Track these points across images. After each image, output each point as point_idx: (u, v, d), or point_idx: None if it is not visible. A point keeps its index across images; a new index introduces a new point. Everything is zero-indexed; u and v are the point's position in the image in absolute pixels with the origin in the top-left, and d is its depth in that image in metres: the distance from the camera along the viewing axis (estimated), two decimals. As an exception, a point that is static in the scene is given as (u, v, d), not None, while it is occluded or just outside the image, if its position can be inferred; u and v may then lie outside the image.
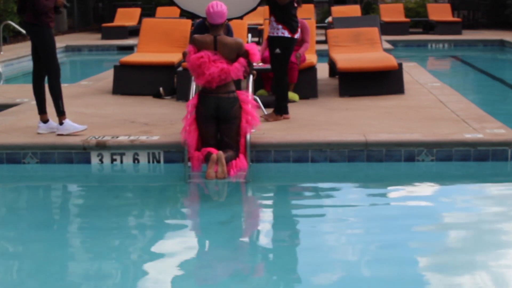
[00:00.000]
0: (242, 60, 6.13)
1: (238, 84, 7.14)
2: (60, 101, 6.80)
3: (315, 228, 5.11)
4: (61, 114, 6.81)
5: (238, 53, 6.14)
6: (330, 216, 5.35)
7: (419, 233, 4.95)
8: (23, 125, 7.35)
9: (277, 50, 7.28)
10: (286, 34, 7.27)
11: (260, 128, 6.58)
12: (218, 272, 4.39)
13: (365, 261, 4.45)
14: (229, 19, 7.40)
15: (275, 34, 7.27)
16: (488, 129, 6.78)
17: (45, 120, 6.96)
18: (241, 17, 7.75)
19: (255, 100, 7.23)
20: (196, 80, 6.16)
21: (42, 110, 6.95)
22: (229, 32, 7.55)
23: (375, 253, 4.56)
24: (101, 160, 6.59)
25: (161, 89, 9.07)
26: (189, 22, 10.16)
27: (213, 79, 6.01)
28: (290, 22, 7.27)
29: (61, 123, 6.80)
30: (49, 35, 6.74)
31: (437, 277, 4.18)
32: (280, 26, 7.26)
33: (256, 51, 6.24)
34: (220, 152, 5.85)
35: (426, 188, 5.98)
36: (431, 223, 5.15)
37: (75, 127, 6.82)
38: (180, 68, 8.94)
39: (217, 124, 6.13)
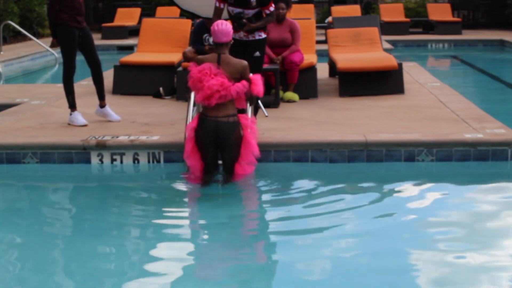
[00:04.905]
0: (245, 82, 5.93)
1: None
2: (69, 97, 7.39)
3: (315, 228, 5.11)
4: (70, 107, 7.40)
5: (241, 75, 5.95)
6: (330, 216, 5.34)
7: (419, 233, 4.94)
8: (23, 125, 7.35)
9: (257, 53, 7.18)
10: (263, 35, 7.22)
11: (260, 128, 6.57)
12: (218, 272, 4.39)
13: (364, 260, 4.45)
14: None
15: (256, 38, 7.18)
16: (488, 129, 6.78)
17: (102, 106, 7.56)
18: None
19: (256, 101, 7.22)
20: (196, 97, 5.94)
21: (100, 97, 7.55)
22: None
23: (374, 253, 4.55)
24: (101, 160, 6.59)
25: (161, 89, 9.07)
26: (189, 22, 10.16)
27: (212, 94, 5.78)
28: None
29: (70, 114, 7.39)
30: (65, 35, 7.19)
31: (436, 277, 4.18)
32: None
33: (259, 82, 6.02)
34: None
35: (426, 188, 5.97)
36: (431, 223, 5.15)
37: (78, 121, 7.29)
38: (180, 68, 8.95)
39: (217, 148, 5.97)
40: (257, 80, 6.03)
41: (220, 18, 7.04)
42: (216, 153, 6.01)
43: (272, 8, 7.00)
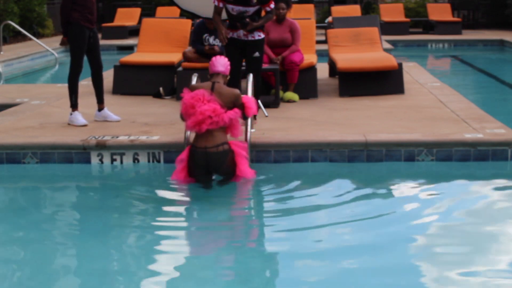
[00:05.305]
0: (237, 110, 5.93)
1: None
2: (72, 96, 7.37)
3: (315, 228, 5.11)
4: (72, 106, 7.39)
5: (234, 103, 5.95)
6: (330, 216, 5.35)
7: (419, 233, 4.94)
8: (23, 125, 7.35)
9: (257, 54, 7.16)
10: (262, 35, 7.20)
11: (260, 129, 6.57)
12: (218, 273, 4.39)
13: (364, 261, 4.45)
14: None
15: (256, 38, 7.15)
16: (488, 129, 6.78)
17: (100, 109, 7.58)
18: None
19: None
20: (186, 123, 5.91)
21: (98, 100, 7.57)
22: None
23: (374, 253, 4.56)
24: (101, 160, 6.59)
25: (161, 89, 9.07)
26: (189, 22, 10.17)
27: (204, 120, 5.75)
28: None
29: (70, 114, 7.39)
30: (76, 33, 7.23)
31: (435, 277, 4.19)
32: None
33: (253, 105, 6.04)
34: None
35: (426, 188, 5.97)
36: (431, 223, 5.15)
37: (78, 121, 7.29)
38: (180, 68, 8.95)
39: (210, 173, 5.95)
40: (250, 103, 6.04)
41: (220, 16, 7.05)
42: (210, 177, 5.98)
43: (272, 5, 7.01)
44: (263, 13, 7.09)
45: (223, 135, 5.90)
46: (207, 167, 5.86)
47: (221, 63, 6.06)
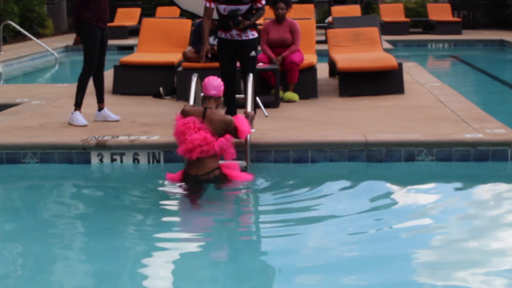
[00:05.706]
0: (228, 136, 5.89)
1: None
2: (79, 95, 7.35)
3: (314, 228, 5.11)
4: (76, 105, 7.37)
5: (226, 130, 5.91)
6: (329, 217, 5.35)
7: (419, 233, 4.94)
8: (23, 125, 7.35)
9: (253, 53, 7.16)
10: (256, 34, 7.21)
11: (260, 129, 6.56)
12: (218, 273, 4.39)
13: (364, 261, 4.45)
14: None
15: (250, 37, 7.13)
16: (488, 129, 6.78)
17: (100, 109, 7.56)
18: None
19: (256, 101, 7.21)
20: (178, 149, 5.88)
21: (99, 100, 7.55)
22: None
23: (374, 253, 4.55)
24: (101, 160, 6.59)
25: (161, 89, 9.08)
26: (189, 22, 10.17)
27: (194, 148, 5.74)
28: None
29: (72, 113, 7.38)
30: (89, 34, 7.32)
31: (435, 277, 4.18)
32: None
33: (245, 128, 5.99)
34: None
35: (426, 188, 5.97)
36: (431, 223, 5.15)
37: (79, 121, 7.28)
38: (180, 68, 8.95)
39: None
40: (243, 126, 5.98)
41: (210, 19, 7.04)
42: (202, 190, 5.97)
43: (263, 1, 7.00)
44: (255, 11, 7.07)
45: (214, 161, 5.87)
46: (200, 188, 5.88)
47: (213, 86, 5.96)
